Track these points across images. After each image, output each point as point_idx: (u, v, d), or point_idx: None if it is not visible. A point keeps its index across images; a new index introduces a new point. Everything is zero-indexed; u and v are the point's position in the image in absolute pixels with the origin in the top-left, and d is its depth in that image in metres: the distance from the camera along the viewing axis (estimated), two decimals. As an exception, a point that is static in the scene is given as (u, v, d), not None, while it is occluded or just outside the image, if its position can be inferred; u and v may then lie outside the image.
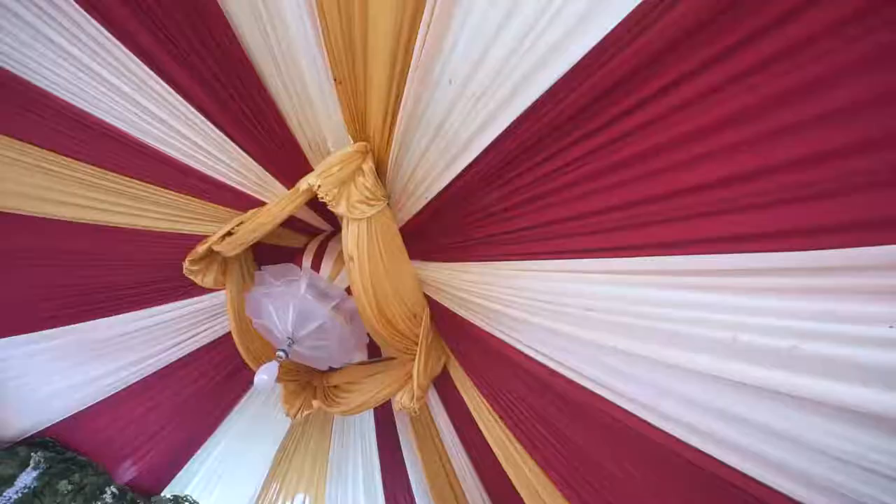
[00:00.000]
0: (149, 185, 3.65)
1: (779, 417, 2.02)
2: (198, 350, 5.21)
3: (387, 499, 5.48)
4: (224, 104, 3.11)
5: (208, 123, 3.20)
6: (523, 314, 2.86)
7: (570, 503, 3.16)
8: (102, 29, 2.74)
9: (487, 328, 3.15)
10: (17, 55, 2.85)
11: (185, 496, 6.15)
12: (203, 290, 4.58)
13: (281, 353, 3.56)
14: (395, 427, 5.11)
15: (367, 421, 5.39)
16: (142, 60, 2.90)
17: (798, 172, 1.71)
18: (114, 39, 2.80)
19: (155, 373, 5.42)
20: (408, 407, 3.62)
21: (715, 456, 2.30)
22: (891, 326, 1.63)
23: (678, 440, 2.42)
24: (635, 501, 2.82)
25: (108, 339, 5.00)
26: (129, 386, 5.56)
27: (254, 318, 3.82)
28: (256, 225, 3.26)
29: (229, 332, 5.00)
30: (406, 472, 5.13)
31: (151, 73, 2.96)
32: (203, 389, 5.52)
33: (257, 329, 3.88)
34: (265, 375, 3.42)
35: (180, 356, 5.27)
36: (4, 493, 5.77)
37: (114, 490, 5.97)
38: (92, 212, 3.85)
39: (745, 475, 2.19)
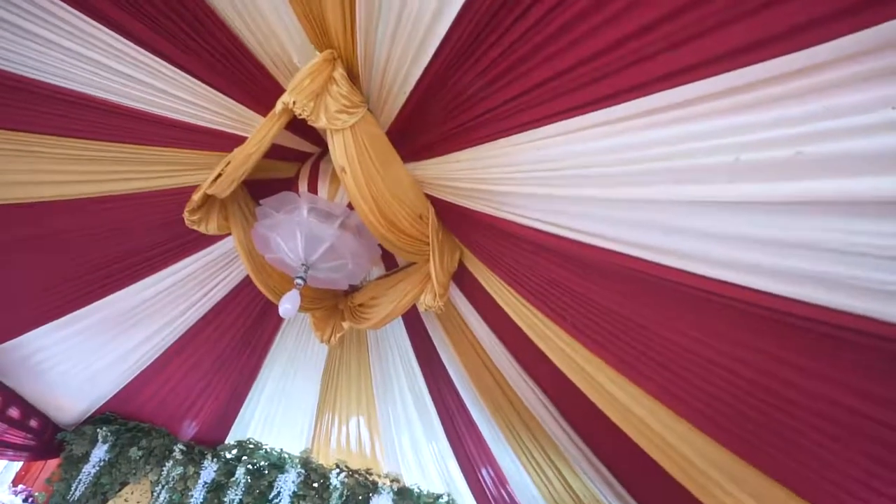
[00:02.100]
0: (129, 145, 3.72)
1: (788, 229, 2.12)
2: (221, 301, 5.47)
3: (434, 402, 5.90)
4: (184, 45, 3.10)
5: (173, 69, 3.22)
6: (522, 188, 2.97)
7: (603, 359, 3.42)
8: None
9: (491, 211, 3.28)
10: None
11: (248, 440, 6.68)
12: (211, 240, 4.75)
13: (299, 281, 3.76)
14: (427, 333, 5.40)
15: (401, 334, 5.69)
16: (94, 19, 2.90)
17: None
18: (68, 7, 2.80)
19: (186, 332, 5.74)
20: (432, 306, 3.85)
21: (733, 281, 2.44)
22: (893, 108, 1.64)
23: (690, 273, 2.57)
24: (662, 343, 3.04)
25: (132, 310, 5.27)
26: (165, 350, 5.91)
27: (265, 253, 4.00)
28: (244, 157, 3.35)
29: (247, 276, 5.24)
30: (447, 372, 5.49)
31: (106, 30, 2.96)
32: (236, 338, 5.85)
33: (272, 264, 4.06)
34: (288, 305, 3.63)
35: (206, 311, 5.55)
36: (83, 469, 6.33)
37: (181, 447, 6.50)
38: (79, 186, 3.96)
39: (772, 295, 2.26)
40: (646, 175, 2.44)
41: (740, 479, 3.12)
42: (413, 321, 5.47)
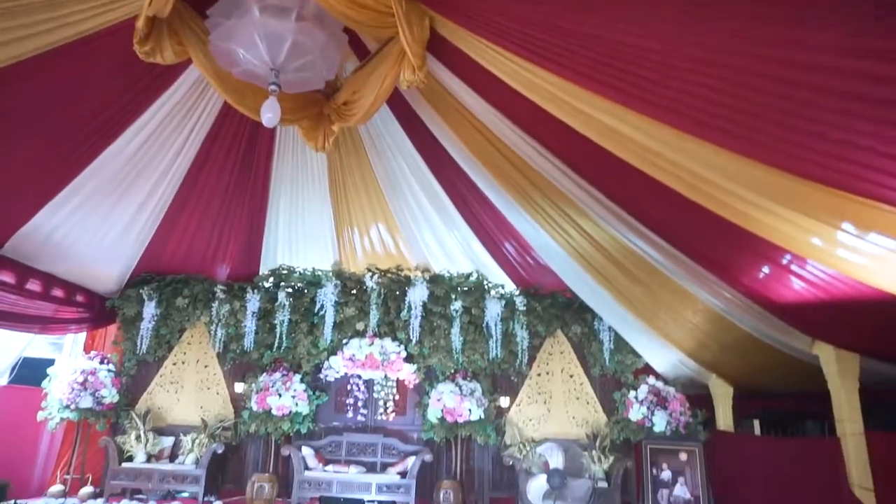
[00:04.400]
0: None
1: None
2: (206, 140, 5.47)
3: (445, 189, 6.15)
4: None
5: None
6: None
7: (594, 91, 3.46)
8: None
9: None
10: None
11: (279, 267, 7.20)
12: (174, 75, 4.63)
13: (273, 87, 3.73)
14: (423, 123, 5.43)
15: (396, 132, 5.73)
16: None
17: None
18: None
19: (183, 181, 5.87)
20: (413, 80, 3.83)
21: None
22: None
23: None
24: (648, 57, 3.04)
25: (121, 171, 5.34)
26: (171, 203, 6.11)
27: (232, 69, 3.92)
28: (171, -37, 3.13)
29: (223, 107, 5.19)
30: (450, 157, 5.62)
31: None
32: (234, 173, 5.97)
33: (242, 78, 3.99)
34: (270, 113, 3.67)
35: (195, 154, 5.61)
36: (141, 326, 7.01)
37: (221, 287, 7.07)
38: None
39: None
40: None
41: (737, 175, 3.32)
42: (406, 115, 5.47)
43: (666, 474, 4.06)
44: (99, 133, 4.91)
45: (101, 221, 5.93)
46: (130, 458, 6.36)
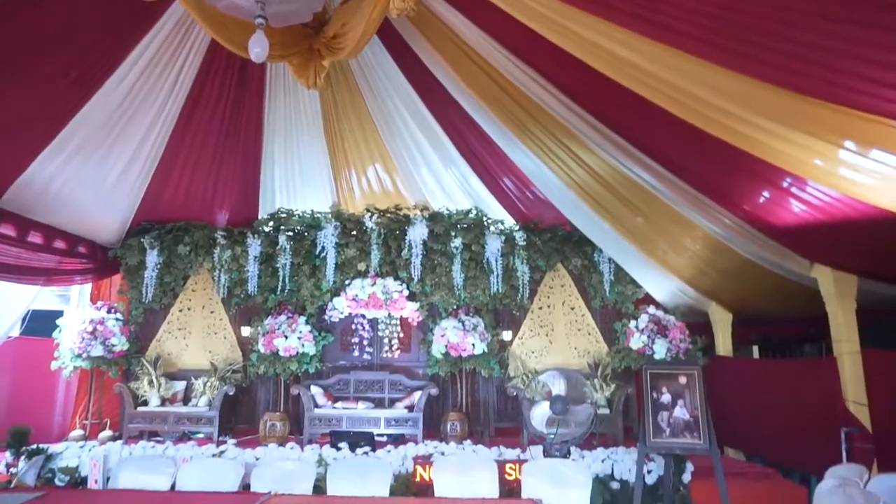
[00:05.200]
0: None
1: None
2: (196, 82, 5.36)
3: (441, 123, 6.05)
4: None
5: None
6: None
7: (590, 12, 3.35)
8: None
9: None
10: None
11: (278, 210, 7.18)
12: (157, 13, 4.47)
13: (260, 21, 3.62)
14: (417, 57, 5.29)
15: (390, 68, 5.58)
16: None
17: None
18: None
19: (175, 125, 5.76)
20: (403, 8, 3.71)
21: None
22: None
23: None
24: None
25: (112, 114, 5.22)
26: (165, 149, 6.03)
27: (216, 3, 3.79)
28: None
29: (210, 46, 5.06)
30: (447, 91, 5.51)
31: None
32: (226, 116, 5.87)
33: (228, 12, 3.87)
34: (258, 48, 3.57)
35: (184, 97, 5.49)
36: (145, 275, 7.07)
37: (221, 233, 7.07)
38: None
39: None
40: None
41: (739, 96, 3.26)
42: (399, 48, 5.33)
43: (666, 397, 4.16)
44: (85, 80, 4.79)
45: (95, 170, 5.86)
46: (145, 403, 6.54)
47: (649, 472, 4.86)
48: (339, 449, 5.39)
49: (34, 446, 5.27)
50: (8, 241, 5.60)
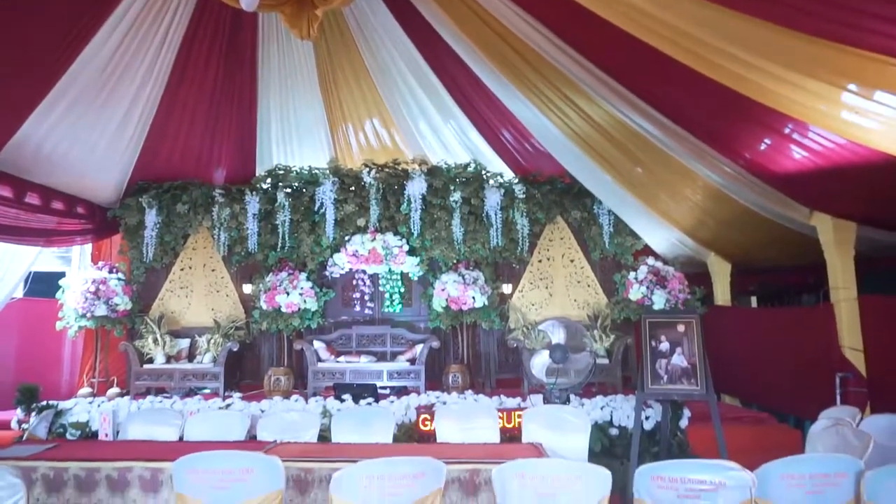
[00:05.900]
0: None
1: None
2: (186, 35, 5.24)
3: (438, 74, 5.95)
4: None
5: None
6: None
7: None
8: None
9: None
10: None
11: (276, 167, 7.11)
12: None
13: (249, -32, 3.51)
14: (412, 5, 5.16)
15: (381, 12, 5.43)
16: None
17: None
18: None
19: (168, 81, 5.67)
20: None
21: None
22: None
23: None
24: None
25: (102, 72, 5.13)
26: (158, 106, 5.95)
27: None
28: None
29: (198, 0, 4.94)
30: (444, 41, 5.38)
31: None
32: (220, 70, 5.77)
33: (214, -39, 3.76)
34: (249, -4, 3.47)
35: (176, 51, 5.38)
36: (144, 234, 7.07)
37: (219, 191, 7.04)
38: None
39: None
40: None
41: (740, 38, 3.19)
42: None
43: (664, 346, 4.23)
44: (70, 35, 4.67)
45: (89, 129, 5.79)
46: (151, 360, 6.64)
47: (647, 418, 4.98)
48: (342, 401, 5.50)
49: (44, 402, 5.39)
50: (5, 202, 5.58)
